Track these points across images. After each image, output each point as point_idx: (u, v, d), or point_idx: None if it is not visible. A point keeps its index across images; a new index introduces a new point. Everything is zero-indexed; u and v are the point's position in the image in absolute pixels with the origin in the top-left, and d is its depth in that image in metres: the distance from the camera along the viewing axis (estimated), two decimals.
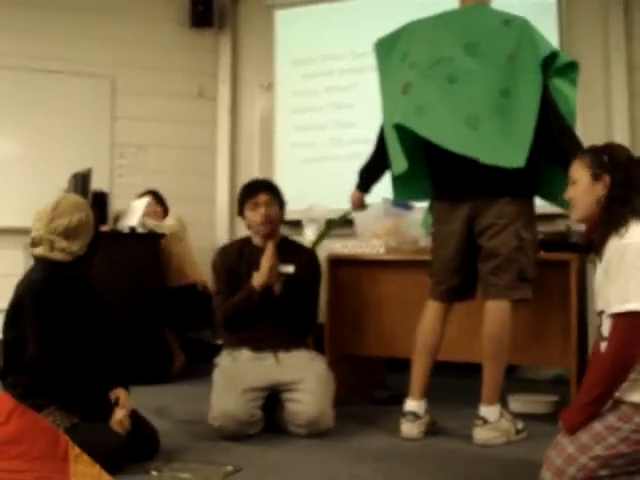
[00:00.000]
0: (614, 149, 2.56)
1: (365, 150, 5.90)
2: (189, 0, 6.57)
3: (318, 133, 6.23)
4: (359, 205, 3.93)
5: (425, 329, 3.49)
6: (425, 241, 4.30)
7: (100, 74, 6.33)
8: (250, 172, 6.28)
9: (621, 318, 2.29)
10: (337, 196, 5.33)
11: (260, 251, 3.69)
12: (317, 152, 6.23)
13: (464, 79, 3.29)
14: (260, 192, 3.76)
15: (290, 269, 3.73)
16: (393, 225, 4.25)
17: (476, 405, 3.39)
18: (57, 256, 2.97)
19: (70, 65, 6.18)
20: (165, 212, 5.61)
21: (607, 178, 2.46)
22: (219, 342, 3.99)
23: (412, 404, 3.45)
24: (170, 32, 6.60)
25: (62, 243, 2.96)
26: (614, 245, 2.37)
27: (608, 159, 2.48)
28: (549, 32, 4.40)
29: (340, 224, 4.04)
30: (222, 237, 6.27)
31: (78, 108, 6.22)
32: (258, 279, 3.61)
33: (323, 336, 4.21)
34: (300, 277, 3.73)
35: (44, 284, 2.95)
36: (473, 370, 3.63)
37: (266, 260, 3.59)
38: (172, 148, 6.44)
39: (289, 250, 3.80)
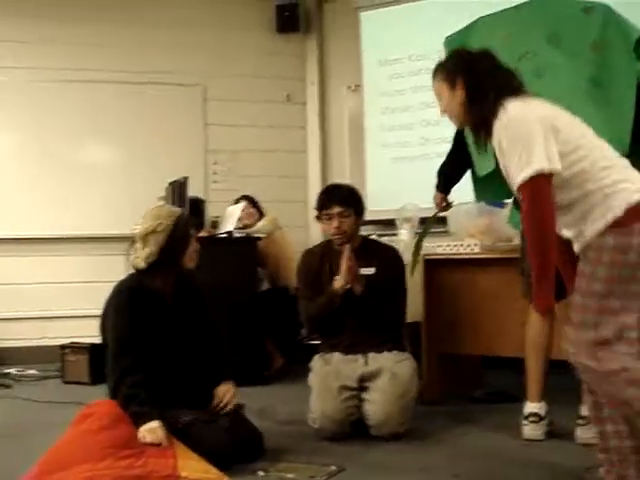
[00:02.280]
0: (456, 53, 2.71)
1: None
2: (275, 6, 6.69)
3: (407, 133, 6.24)
4: (443, 206, 3.89)
5: (533, 331, 3.42)
6: (519, 238, 4.28)
7: (191, 83, 6.50)
8: (341, 173, 6.36)
9: (524, 186, 2.35)
10: (429, 195, 5.37)
11: (340, 255, 3.69)
12: (407, 152, 6.23)
13: (551, 73, 3.22)
14: (334, 204, 3.73)
15: (371, 270, 3.72)
16: (487, 223, 4.23)
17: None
18: (135, 262, 3.15)
19: (162, 76, 6.39)
20: (260, 215, 5.70)
21: (460, 80, 2.57)
22: (315, 342, 4.03)
23: (532, 405, 3.40)
24: (257, 39, 6.72)
25: (139, 250, 3.14)
26: (497, 127, 2.44)
27: (454, 64, 2.61)
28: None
29: (432, 227, 4.02)
30: (315, 239, 6.30)
31: (172, 117, 6.40)
32: (338, 282, 3.64)
33: (420, 335, 4.23)
34: (382, 277, 3.72)
35: (123, 294, 3.14)
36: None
37: (344, 263, 3.61)
38: (264, 153, 6.56)
39: (370, 251, 3.80)
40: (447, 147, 5.87)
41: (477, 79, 2.55)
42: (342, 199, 3.75)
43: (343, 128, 6.66)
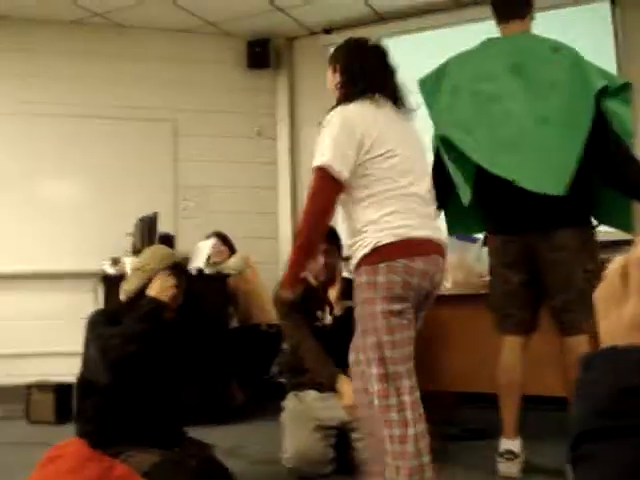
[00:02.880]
0: (347, 43, 2.89)
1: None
2: (246, 42, 6.72)
3: None
4: None
5: (506, 366, 3.42)
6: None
7: (162, 118, 6.47)
8: None
9: (314, 173, 2.56)
10: None
11: (315, 291, 3.72)
12: None
13: (506, 100, 3.25)
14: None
15: (349, 303, 3.71)
16: (458, 259, 4.22)
17: (557, 439, 3.32)
18: (121, 292, 3.09)
19: (133, 111, 6.35)
20: (231, 252, 5.67)
21: (339, 67, 2.80)
22: (283, 380, 3.99)
23: (508, 442, 3.38)
24: (228, 74, 6.74)
25: (125, 283, 3.10)
26: (330, 113, 2.66)
27: (339, 52, 2.86)
28: (605, 49, 4.31)
29: None
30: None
31: (142, 152, 6.36)
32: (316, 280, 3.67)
33: None
34: None
35: (98, 312, 3.08)
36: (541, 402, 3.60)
37: (321, 257, 3.69)
38: (234, 188, 6.54)
39: (349, 288, 3.78)
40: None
41: (350, 71, 2.75)
42: (328, 236, 3.72)
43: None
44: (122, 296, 3.06)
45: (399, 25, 6.39)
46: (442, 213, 3.65)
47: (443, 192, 3.45)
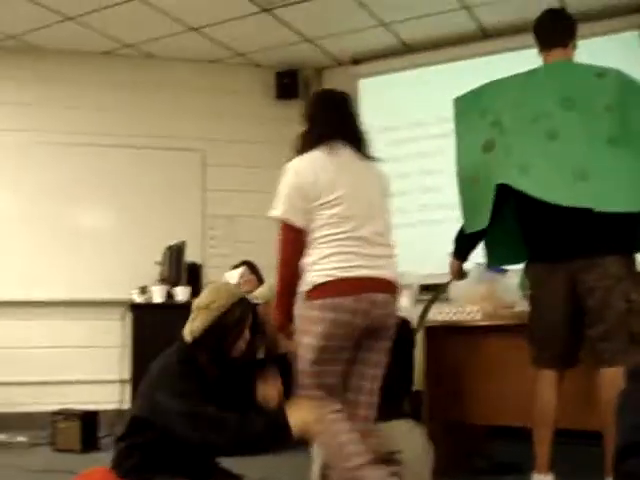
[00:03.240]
0: (316, 94, 3.38)
1: (452, 215, 5.92)
2: (275, 73, 6.77)
3: (406, 199, 6.23)
4: (459, 274, 3.84)
5: (542, 402, 3.34)
6: (522, 305, 4.23)
7: (190, 148, 6.51)
8: None
9: (279, 223, 2.98)
10: (427, 261, 5.34)
11: None
12: (405, 218, 6.21)
13: (566, 134, 3.19)
14: None
15: None
16: (488, 290, 4.18)
17: (593, 474, 3.26)
18: (184, 333, 2.99)
19: (162, 141, 6.41)
20: (260, 281, 5.65)
21: (306, 115, 3.14)
22: None
23: (540, 477, 3.31)
24: (257, 105, 6.78)
25: (189, 322, 3.00)
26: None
27: (309, 101, 3.25)
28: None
29: (442, 293, 4.02)
30: None
31: (170, 181, 6.40)
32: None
33: (421, 404, 4.15)
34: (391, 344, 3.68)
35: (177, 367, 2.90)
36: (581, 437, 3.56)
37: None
38: (261, 219, 6.46)
39: None
40: (446, 213, 5.98)
41: (309, 120, 3.11)
42: None
43: None
44: (188, 337, 2.95)
45: (426, 56, 6.41)
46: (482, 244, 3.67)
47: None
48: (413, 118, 6.25)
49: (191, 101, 6.59)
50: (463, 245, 3.74)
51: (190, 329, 2.96)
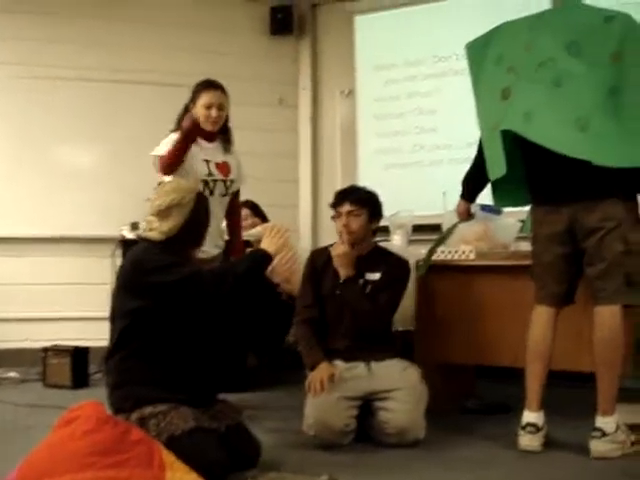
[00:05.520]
0: None
1: (447, 156, 5.95)
2: (269, 8, 6.62)
3: (400, 139, 6.18)
4: (466, 215, 3.89)
5: (536, 337, 3.37)
6: (515, 246, 4.22)
7: (182, 84, 6.38)
8: (333, 179, 6.30)
9: None
10: (421, 202, 5.31)
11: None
12: (400, 158, 6.18)
13: (570, 82, 3.18)
14: (345, 202, 3.72)
15: (376, 276, 3.68)
16: (483, 230, 4.15)
17: (585, 415, 3.29)
18: (151, 235, 3.03)
19: (153, 76, 6.27)
20: (264, 221, 5.54)
21: None
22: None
23: (531, 415, 3.32)
24: (250, 41, 6.65)
25: (155, 223, 3.03)
26: None
27: None
28: None
29: (450, 235, 4.02)
30: (305, 244, 6.26)
31: (162, 118, 6.27)
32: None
33: (412, 344, 4.15)
34: (384, 283, 3.68)
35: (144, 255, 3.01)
36: (575, 379, 3.61)
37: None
38: (254, 156, 6.41)
39: (378, 257, 3.76)
40: (441, 154, 5.95)
41: None
42: (354, 198, 3.72)
43: (335, 133, 6.59)
44: (160, 236, 3.00)
45: None
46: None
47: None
48: (409, 56, 6.14)
49: (184, 37, 6.43)
50: (471, 186, 3.78)
51: (167, 228, 3.00)
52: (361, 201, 3.71)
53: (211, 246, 3.74)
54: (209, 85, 4.02)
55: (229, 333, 3.24)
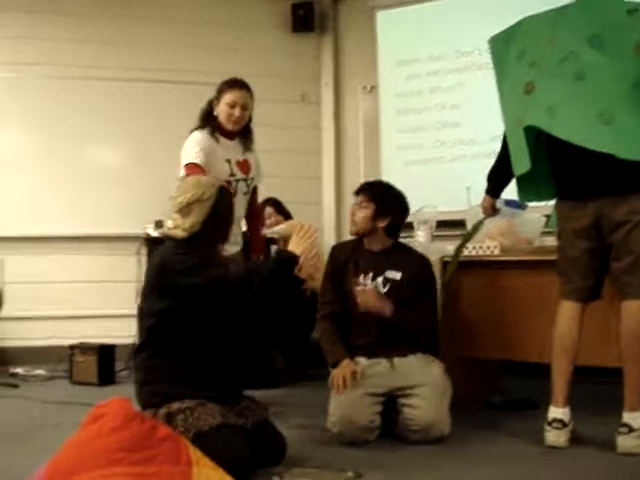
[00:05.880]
0: None
1: (471, 150, 5.92)
2: (290, 5, 6.64)
3: (423, 135, 6.16)
4: (491, 211, 3.86)
5: (561, 332, 3.34)
6: (540, 241, 4.20)
7: (204, 82, 6.41)
8: (356, 175, 6.28)
9: None
10: (443, 198, 5.29)
11: (367, 252, 3.70)
12: (422, 154, 6.15)
13: (593, 75, 3.14)
14: (358, 193, 3.75)
15: (397, 275, 3.64)
16: (507, 225, 4.14)
17: (612, 410, 3.25)
18: (175, 232, 3.03)
19: (177, 75, 6.31)
20: (287, 219, 5.52)
21: None
22: None
23: (557, 411, 3.29)
24: (272, 38, 6.67)
25: (179, 220, 3.04)
26: None
27: None
28: None
29: (476, 232, 4.01)
30: (329, 240, 6.26)
31: (187, 116, 6.30)
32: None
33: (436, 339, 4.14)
34: (407, 282, 3.64)
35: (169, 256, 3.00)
36: (603, 374, 3.58)
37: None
38: (277, 153, 6.45)
39: (399, 255, 3.72)
40: (463, 149, 5.92)
41: None
42: (367, 191, 3.72)
43: (358, 129, 6.59)
44: (184, 234, 3.00)
45: None
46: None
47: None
48: (432, 51, 6.12)
49: (206, 35, 6.47)
50: (496, 181, 3.75)
51: (189, 225, 3.00)
52: (371, 195, 3.70)
53: (231, 244, 3.75)
54: (235, 84, 4.02)
55: (255, 331, 3.22)
